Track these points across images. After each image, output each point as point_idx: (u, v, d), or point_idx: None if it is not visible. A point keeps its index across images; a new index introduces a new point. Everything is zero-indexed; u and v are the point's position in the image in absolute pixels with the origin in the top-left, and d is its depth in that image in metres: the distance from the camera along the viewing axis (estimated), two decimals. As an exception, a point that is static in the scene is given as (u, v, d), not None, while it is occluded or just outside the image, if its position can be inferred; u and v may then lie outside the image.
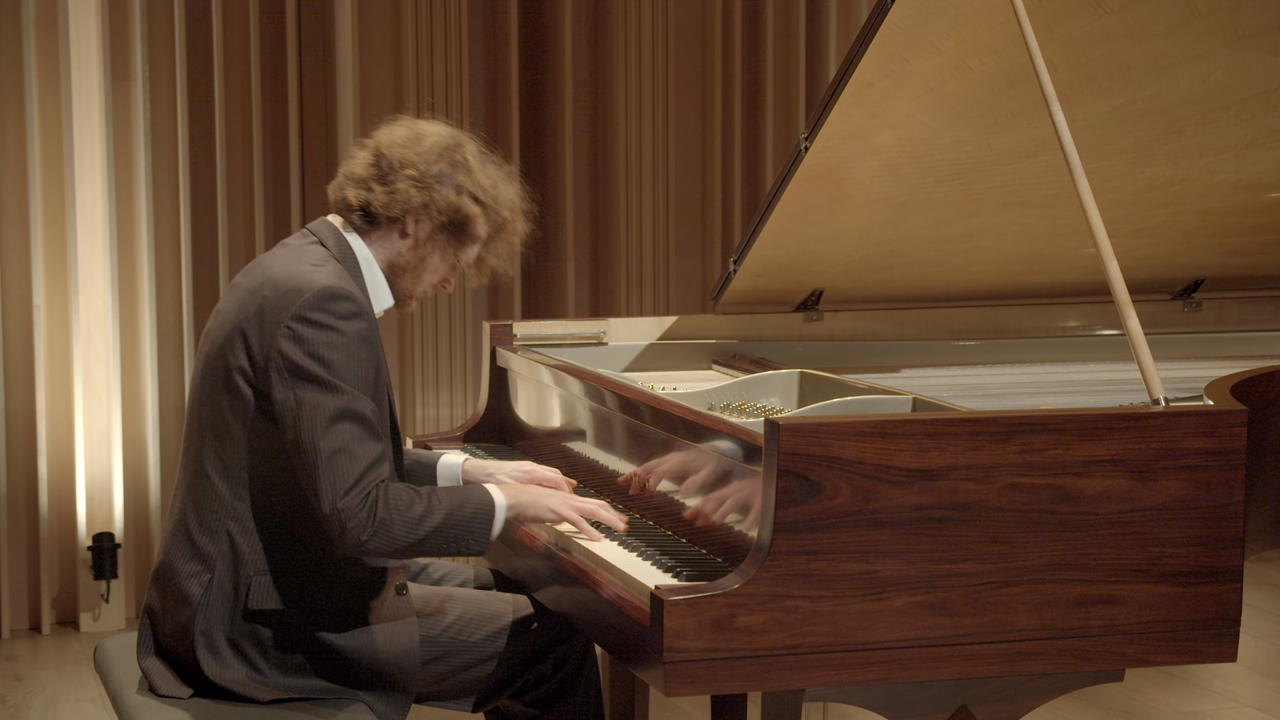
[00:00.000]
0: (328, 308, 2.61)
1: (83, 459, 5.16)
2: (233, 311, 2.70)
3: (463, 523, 2.66)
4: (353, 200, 2.78)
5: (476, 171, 2.81)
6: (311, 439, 2.56)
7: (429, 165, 2.77)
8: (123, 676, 2.81)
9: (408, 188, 2.76)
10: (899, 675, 2.44)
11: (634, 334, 3.70)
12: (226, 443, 2.67)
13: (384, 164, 2.77)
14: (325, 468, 2.56)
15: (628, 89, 5.69)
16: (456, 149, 2.81)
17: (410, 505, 2.60)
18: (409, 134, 2.81)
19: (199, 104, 5.24)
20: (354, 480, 2.56)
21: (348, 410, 2.58)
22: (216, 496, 2.68)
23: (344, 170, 2.83)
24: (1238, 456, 2.53)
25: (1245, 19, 3.22)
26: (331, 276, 2.67)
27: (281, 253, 2.77)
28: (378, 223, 2.79)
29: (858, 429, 2.40)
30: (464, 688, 2.85)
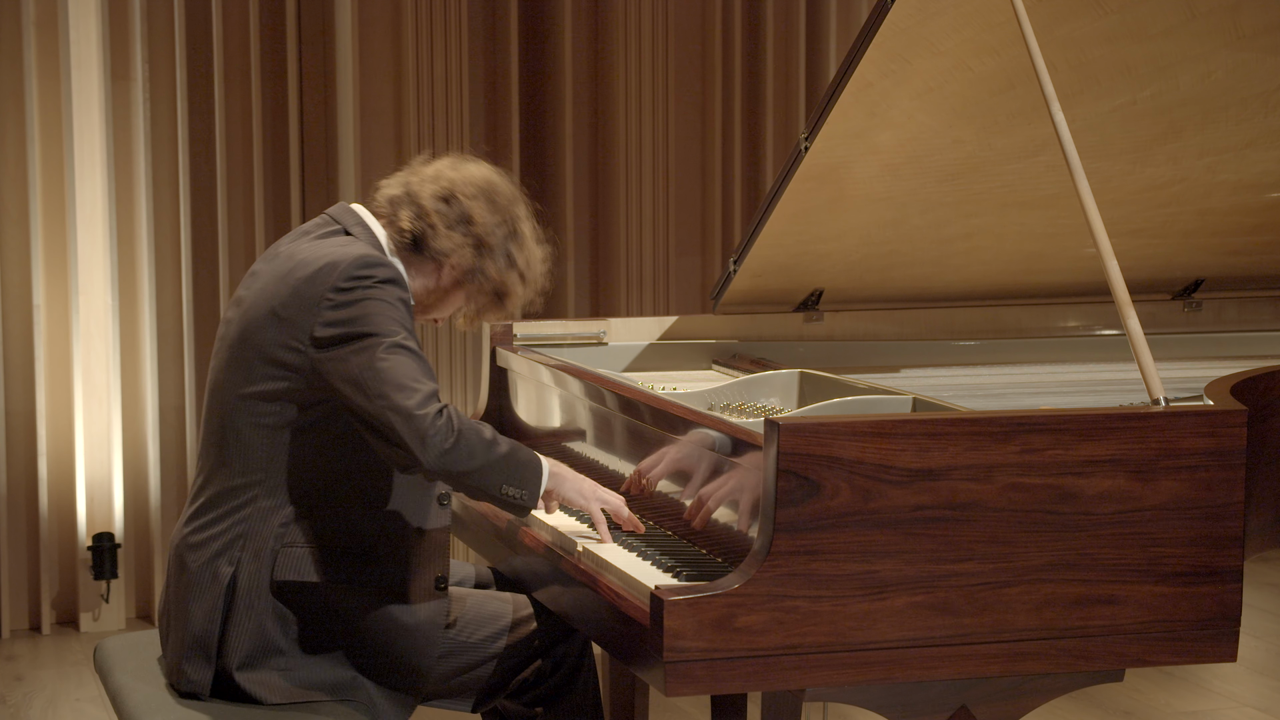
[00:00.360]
0: (363, 273, 2.65)
1: (83, 459, 5.17)
2: (261, 298, 2.71)
3: (522, 463, 2.69)
4: (406, 225, 2.79)
5: (528, 246, 2.86)
6: (372, 375, 2.58)
7: (493, 229, 2.80)
8: (123, 676, 2.81)
9: (467, 245, 2.79)
10: (899, 675, 2.44)
11: (634, 334, 3.70)
12: (256, 427, 2.69)
13: (455, 208, 2.79)
14: (394, 388, 2.57)
15: (628, 89, 5.69)
16: (518, 219, 2.85)
17: (480, 428, 2.64)
18: (483, 183, 2.83)
19: (199, 104, 5.24)
20: (426, 394, 2.58)
21: (400, 345, 2.61)
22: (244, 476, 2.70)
23: (410, 187, 2.82)
24: (1238, 456, 2.53)
25: (1245, 19, 3.22)
26: (364, 248, 2.71)
27: (304, 240, 2.79)
28: (419, 254, 2.81)
29: (858, 429, 2.40)
30: (464, 687, 2.85)
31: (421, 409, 2.57)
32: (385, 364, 2.59)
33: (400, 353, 2.61)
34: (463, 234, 2.79)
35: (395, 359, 2.60)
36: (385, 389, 2.58)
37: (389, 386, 2.58)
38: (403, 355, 2.61)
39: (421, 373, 2.61)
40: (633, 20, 5.68)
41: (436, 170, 2.85)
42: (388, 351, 2.60)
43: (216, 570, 2.69)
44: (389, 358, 2.59)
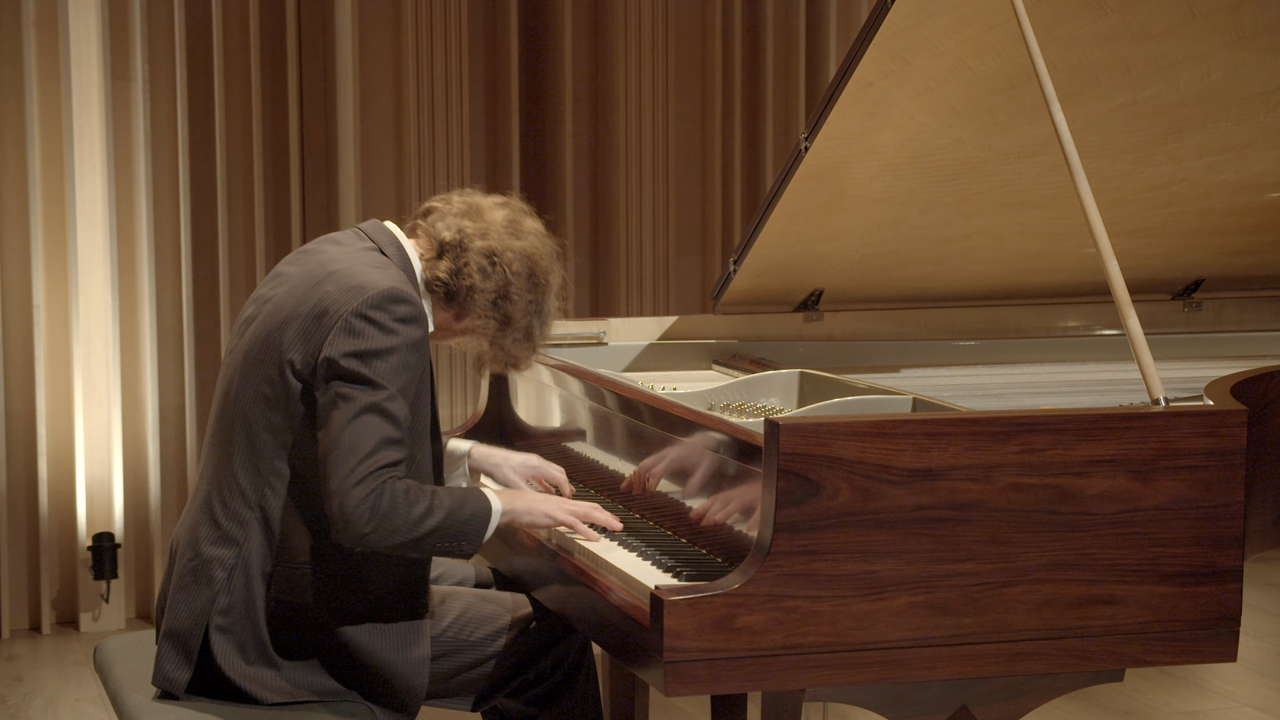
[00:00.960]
0: (388, 309, 2.63)
1: (83, 459, 5.16)
2: (287, 302, 2.70)
3: (460, 524, 2.67)
4: (444, 275, 2.78)
5: (548, 321, 2.87)
6: (337, 423, 2.58)
7: (524, 313, 2.81)
8: (123, 676, 2.81)
9: (494, 317, 2.79)
10: (899, 675, 2.44)
11: (634, 334, 3.70)
12: (265, 433, 2.68)
13: (495, 278, 2.78)
14: (342, 450, 2.56)
15: (628, 89, 5.69)
16: (547, 296, 2.84)
17: (413, 504, 2.61)
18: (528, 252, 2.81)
19: (199, 104, 5.24)
20: (367, 471, 2.57)
21: (379, 407, 2.59)
22: (249, 483, 2.69)
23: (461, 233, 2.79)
24: (1238, 456, 2.53)
25: (1245, 19, 3.23)
26: (395, 280, 2.69)
27: (337, 251, 2.77)
28: (443, 299, 2.80)
29: (858, 429, 2.40)
30: (463, 686, 2.85)
31: (353, 488, 2.55)
32: (353, 421, 2.57)
33: (374, 416, 2.58)
34: (493, 305, 2.79)
35: (366, 420, 2.57)
36: (337, 444, 2.57)
37: (338, 451, 2.56)
38: (372, 418, 2.58)
39: (383, 440, 2.58)
40: (633, 20, 5.68)
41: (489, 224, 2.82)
42: (364, 411, 2.58)
43: (211, 575, 2.68)
44: (361, 417, 2.57)
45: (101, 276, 5.16)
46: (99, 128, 5.11)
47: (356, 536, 2.58)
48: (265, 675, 2.67)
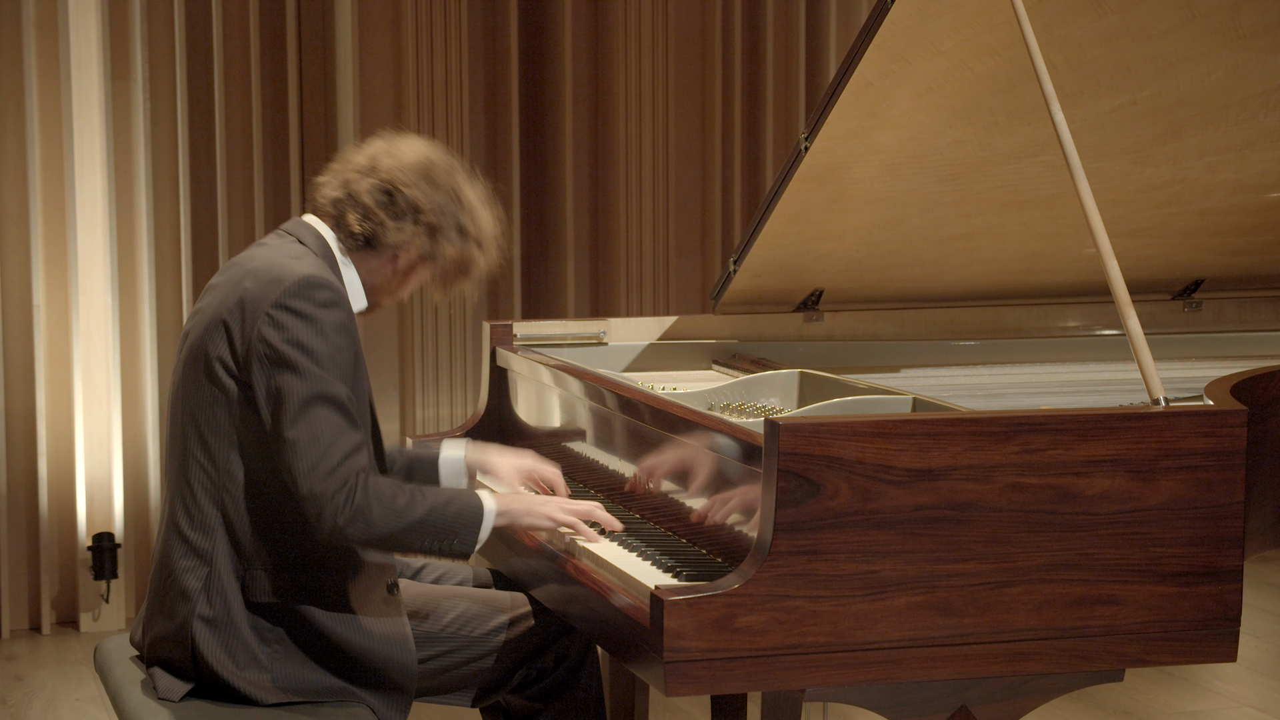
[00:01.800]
0: (308, 295, 2.63)
1: (83, 459, 5.16)
2: (212, 307, 2.71)
3: (447, 520, 2.66)
4: (356, 227, 2.78)
5: (477, 213, 2.84)
6: (289, 422, 2.57)
7: (441, 212, 2.79)
8: (123, 676, 2.81)
9: (419, 233, 2.78)
10: (899, 675, 2.44)
11: (634, 334, 3.70)
12: (212, 437, 2.68)
13: (399, 201, 2.77)
14: (302, 451, 2.56)
15: (628, 89, 5.69)
16: (460, 189, 2.83)
17: (393, 497, 2.61)
18: (418, 165, 2.80)
19: (199, 104, 5.25)
20: (333, 464, 2.57)
21: (324, 395, 2.59)
22: (206, 491, 2.69)
23: (349, 187, 2.80)
24: (1238, 456, 2.53)
25: (1245, 19, 3.22)
26: (311, 267, 2.69)
27: (258, 250, 2.79)
28: (373, 248, 2.80)
29: (858, 429, 2.40)
30: (464, 682, 2.86)
31: (322, 483, 2.56)
32: (301, 419, 2.57)
33: (319, 407, 2.58)
34: (413, 223, 2.78)
35: (312, 414, 2.57)
36: (296, 448, 2.57)
37: (299, 447, 2.56)
38: (321, 410, 2.58)
39: (338, 429, 2.58)
40: (633, 21, 5.68)
41: (370, 160, 2.82)
42: (309, 403, 2.58)
43: (186, 587, 2.68)
44: (306, 411, 2.57)
45: (101, 276, 5.16)
46: (99, 128, 5.11)
47: (333, 530, 2.57)
48: (257, 678, 2.67)
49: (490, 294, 5.65)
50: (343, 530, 2.58)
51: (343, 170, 2.83)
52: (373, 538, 2.61)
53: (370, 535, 2.60)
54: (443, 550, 2.68)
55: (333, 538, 2.60)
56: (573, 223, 5.68)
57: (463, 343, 5.55)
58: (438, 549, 2.67)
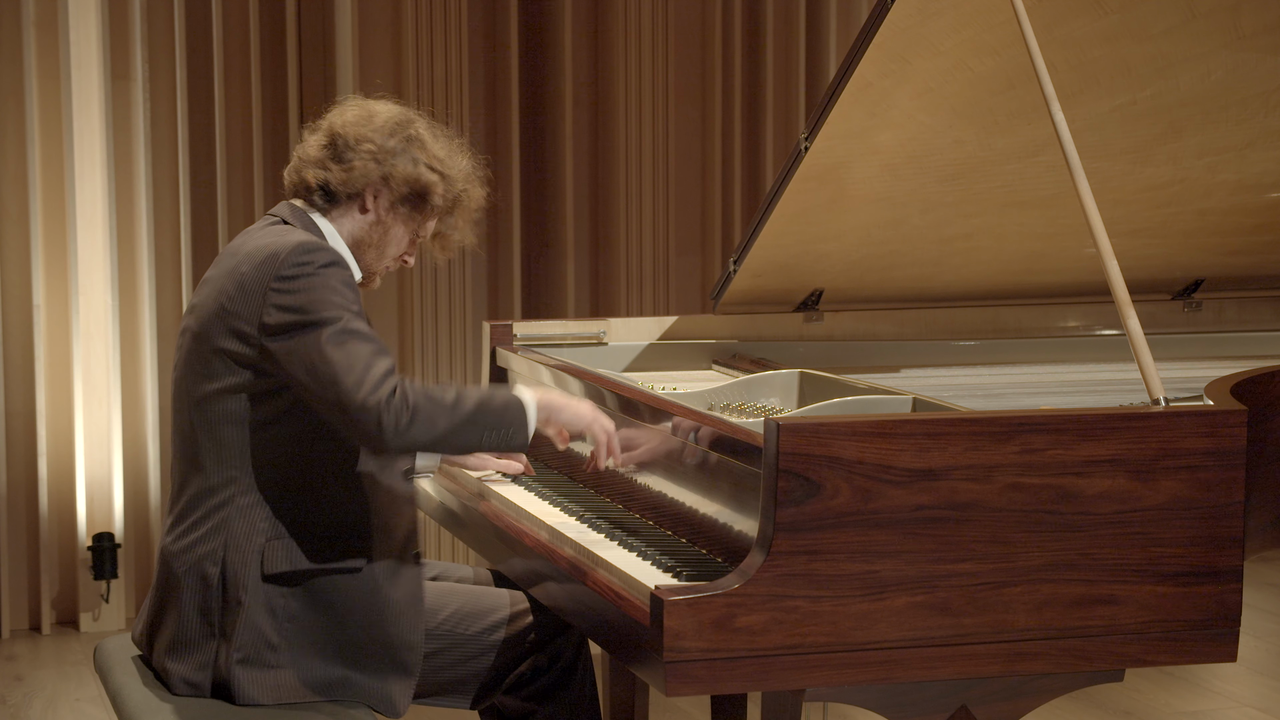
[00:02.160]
0: (305, 259, 2.65)
1: (83, 459, 5.17)
2: (213, 299, 2.72)
3: (498, 410, 2.68)
4: (311, 181, 2.83)
5: (430, 144, 2.86)
6: (322, 363, 2.59)
7: (384, 141, 2.82)
8: (123, 676, 2.81)
9: (365, 163, 2.81)
10: (899, 675, 2.44)
11: (634, 334, 3.70)
12: (223, 423, 2.69)
13: (339, 142, 2.82)
14: (344, 378, 2.57)
15: (628, 89, 5.69)
16: (408, 124, 2.86)
17: (442, 394, 2.63)
18: (360, 113, 2.86)
19: (199, 104, 5.25)
20: (377, 380, 2.58)
21: (347, 329, 2.61)
22: (218, 475, 2.69)
23: (298, 154, 2.88)
24: (1238, 456, 2.53)
25: (1245, 19, 3.22)
26: (302, 236, 2.72)
27: (247, 238, 2.80)
28: (337, 200, 2.83)
29: (858, 429, 2.40)
30: (460, 682, 2.86)
31: (373, 395, 2.57)
32: (335, 352, 2.59)
33: (348, 338, 2.60)
34: (357, 159, 2.81)
35: (345, 346, 2.60)
36: (337, 377, 2.58)
37: (340, 375, 2.58)
38: (351, 340, 2.60)
39: (371, 353, 2.61)
40: (633, 21, 5.68)
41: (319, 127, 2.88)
42: (336, 338, 2.60)
43: (204, 572, 2.69)
44: (338, 345, 2.60)
45: (101, 276, 5.16)
46: (99, 128, 5.11)
47: (397, 433, 2.58)
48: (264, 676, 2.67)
49: (490, 294, 5.65)
50: (407, 432, 2.59)
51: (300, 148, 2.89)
52: (436, 435, 2.62)
53: (434, 433, 2.61)
54: (500, 442, 2.69)
55: (400, 444, 2.60)
56: (573, 223, 5.68)
57: (463, 343, 5.55)
58: (497, 442, 2.69)
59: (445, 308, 5.52)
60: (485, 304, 5.65)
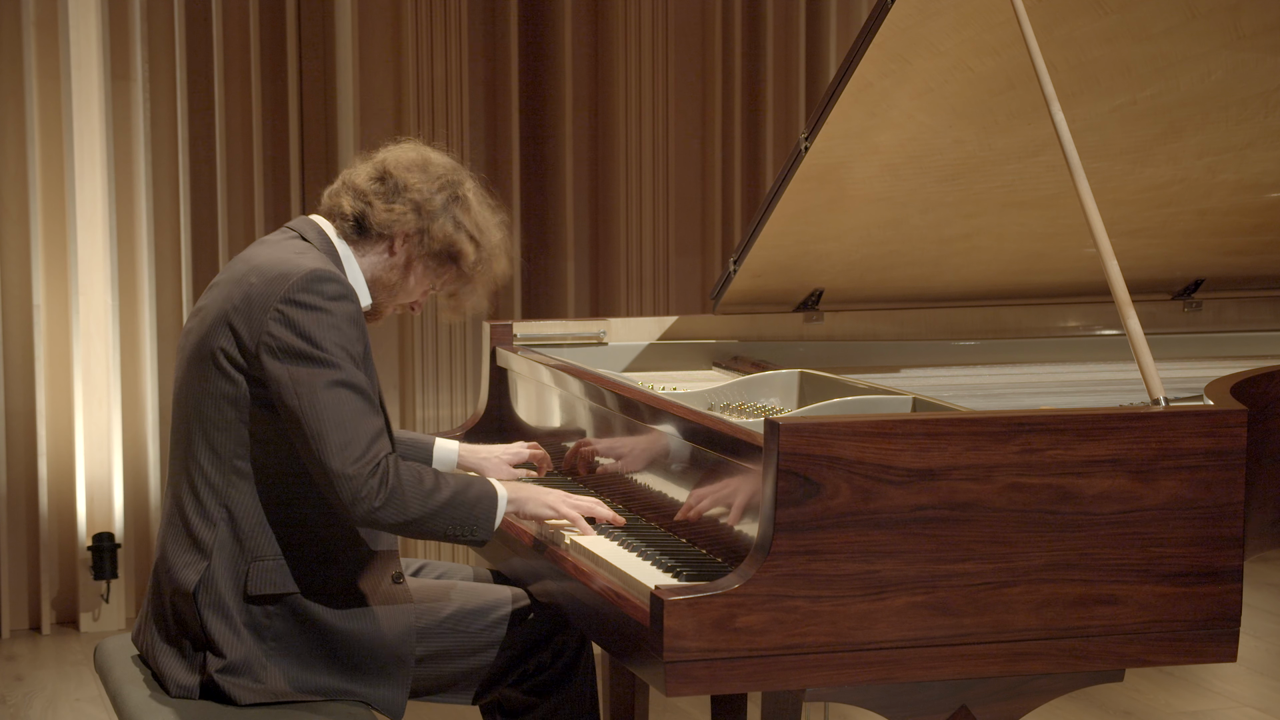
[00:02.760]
0: (315, 289, 2.64)
1: (83, 459, 5.17)
2: (218, 304, 2.71)
3: (469, 504, 2.69)
4: (347, 209, 2.81)
5: (475, 209, 2.87)
6: (312, 411, 2.58)
7: (432, 194, 2.82)
8: (123, 676, 2.81)
9: (407, 210, 2.80)
10: (899, 675, 2.44)
11: (634, 334, 3.70)
12: (218, 432, 2.68)
13: (389, 182, 2.81)
14: (330, 436, 2.58)
15: (628, 89, 5.69)
16: (460, 184, 2.87)
17: (420, 479, 2.64)
18: (417, 158, 2.85)
19: (199, 104, 5.25)
20: (362, 448, 2.58)
21: (344, 381, 2.61)
22: (210, 486, 2.69)
23: (345, 178, 2.86)
24: (1238, 456, 2.53)
25: (1245, 19, 3.22)
26: (317, 261, 2.70)
27: (262, 248, 2.80)
28: (368, 235, 2.82)
29: (858, 429, 2.40)
30: (463, 678, 2.86)
31: (354, 465, 2.57)
32: (327, 404, 2.58)
33: (341, 391, 2.59)
34: (401, 203, 2.80)
35: (336, 398, 2.59)
36: (324, 433, 2.58)
37: (327, 432, 2.57)
38: (344, 393, 2.59)
39: (362, 413, 2.60)
40: (633, 20, 5.68)
41: (372, 159, 2.88)
42: (330, 388, 2.59)
43: (191, 587, 2.68)
44: (331, 396, 2.59)
45: (101, 276, 5.16)
46: (99, 128, 5.11)
47: (368, 512, 2.59)
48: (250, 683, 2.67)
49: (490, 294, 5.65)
50: (377, 512, 2.59)
51: (345, 172, 2.89)
52: (404, 521, 2.62)
53: (403, 517, 2.62)
54: (463, 536, 2.70)
55: (366, 520, 2.61)
56: (573, 223, 5.68)
57: (463, 343, 5.55)
58: (459, 535, 2.70)
59: (445, 308, 5.51)
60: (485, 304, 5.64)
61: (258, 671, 2.67)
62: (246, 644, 2.67)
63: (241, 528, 2.68)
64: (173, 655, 2.72)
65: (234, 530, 2.68)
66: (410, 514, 2.62)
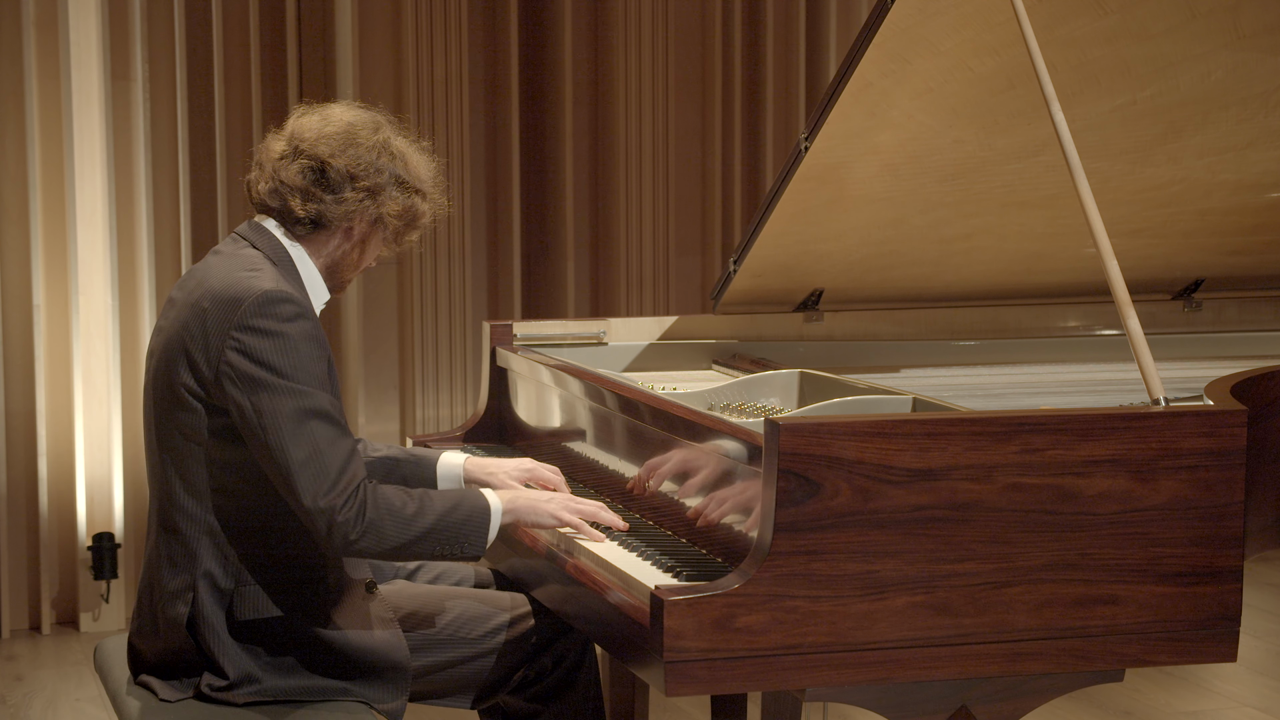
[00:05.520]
0: (270, 312, 2.59)
1: (83, 459, 5.16)
2: (174, 329, 2.66)
3: (456, 525, 2.65)
4: (300, 211, 2.72)
5: (410, 161, 2.80)
6: (280, 443, 2.55)
7: (376, 172, 2.73)
8: (122, 676, 2.81)
9: (360, 199, 2.73)
10: (899, 675, 2.44)
11: (634, 334, 3.70)
12: (187, 460, 2.65)
13: (331, 175, 2.72)
14: (301, 468, 2.54)
15: (628, 89, 5.69)
16: (388, 143, 2.77)
17: (402, 506, 2.60)
18: (341, 134, 2.74)
19: (199, 104, 5.25)
20: (334, 477, 2.55)
21: (310, 409, 2.56)
22: (187, 515, 2.66)
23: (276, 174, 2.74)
24: (1238, 456, 2.53)
25: (1245, 19, 3.22)
26: (269, 280, 2.64)
27: (214, 261, 2.73)
28: (324, 227, 2.76)
29: (858, 429, 2.40)
30: (463, 683, 2.85)
31: (326, 498, 2.54)
32: (291, 436, 2.54)
33: (308, 421, 2.55)
34: (351, 191, 2.73)
35: (302, 429, 2.55)
36: (291, 466, 2.54)
37: (294, 466, 2.54)
38: (311, 423, 2.55)
39: (331, 440, 2.56)
40: (633, 20, 5.68)
41: (290, 142, 2.75)
42: (295, 419, 2.55)
43: (176, 609, 2.67)
44: (295, 428, 2.54)
45: (101, 276, 5.16)
46: (99, 128, 5.11)
47: (345, 544, 2.56)
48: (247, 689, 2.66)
49: (490, 294, 5.65)
50: (355, 545, 2.57)
51: (268, 160, 2.77)
52: (383, 550, 2.60)
53: (382, 547, 2.59)
54: (452, 556, 2.67)
55: (344, 552, 2.59)
56: (573, 223, 5.68)
57: (463, 343, 5.55)
58: (447, 554, 2.66)
59: (445, 308, 5.52)
60: (485, 304, 5.64)
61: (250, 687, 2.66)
62: (239, 661, 2.65)
63: (224, 555, 2.65)
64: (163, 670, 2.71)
65: (218, 556, 2.65)
66: (389, 543, 2.58)
